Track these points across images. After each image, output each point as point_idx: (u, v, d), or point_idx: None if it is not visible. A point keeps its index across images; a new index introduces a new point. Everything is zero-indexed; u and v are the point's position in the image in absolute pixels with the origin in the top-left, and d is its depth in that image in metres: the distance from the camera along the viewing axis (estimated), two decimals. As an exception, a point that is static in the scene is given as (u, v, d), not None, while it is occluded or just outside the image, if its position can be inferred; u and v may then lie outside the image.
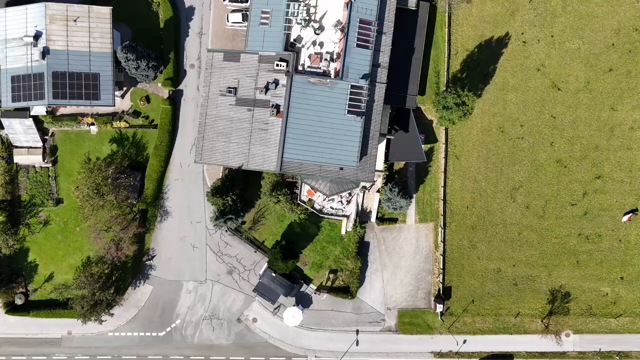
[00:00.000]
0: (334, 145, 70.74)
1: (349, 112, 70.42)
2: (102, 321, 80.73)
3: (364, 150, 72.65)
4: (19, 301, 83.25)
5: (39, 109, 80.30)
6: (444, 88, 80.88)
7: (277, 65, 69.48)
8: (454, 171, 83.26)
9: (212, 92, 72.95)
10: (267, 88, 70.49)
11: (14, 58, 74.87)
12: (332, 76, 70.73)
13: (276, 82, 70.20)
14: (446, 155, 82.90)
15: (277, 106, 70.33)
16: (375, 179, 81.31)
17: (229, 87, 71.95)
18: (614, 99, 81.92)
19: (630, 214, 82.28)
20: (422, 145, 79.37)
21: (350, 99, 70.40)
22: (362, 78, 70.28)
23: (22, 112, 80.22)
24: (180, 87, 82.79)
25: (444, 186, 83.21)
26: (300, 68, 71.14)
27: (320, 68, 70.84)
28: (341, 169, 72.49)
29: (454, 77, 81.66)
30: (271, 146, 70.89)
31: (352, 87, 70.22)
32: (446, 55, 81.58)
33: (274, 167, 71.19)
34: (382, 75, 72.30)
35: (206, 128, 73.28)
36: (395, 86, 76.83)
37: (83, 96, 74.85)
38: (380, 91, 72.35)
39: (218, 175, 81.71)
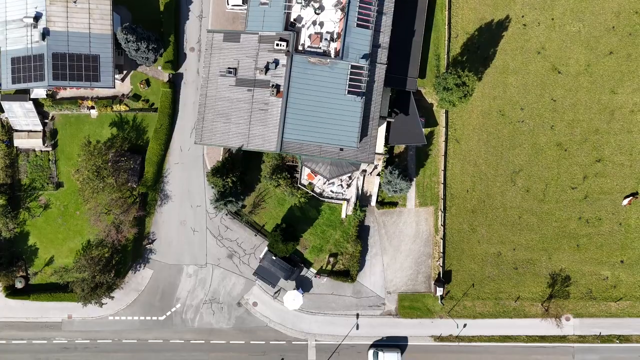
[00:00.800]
0: (334, 125, 70.01)
1: (349, 92, 69.66)
2: (103, 304, 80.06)
3: (364, 131, 71.94)
4: (19, 285, 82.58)
5: (39, 92, 79.61)
6: (445, 71, 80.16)
7: (277, 45, 68.75)
8: (454, 155, 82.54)
9: (212, 73, 72.23)
10: (267, 68, 69.75)
11: (14, 40, 74.14)
12: (332, 56, 69.94)
13: (276, 62, 69.49)
14: (446, 138, 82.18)
15: (277, 86, 69.62)
16: (375, 163, 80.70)
17: (229, 68, 71.23)
18: (614, 82, 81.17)
19: (631, 197, 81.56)
20: (423, 128, 78.69)
21: (351, 79, 69.65)
22: (362, 58, 69.53)
23: (22, 95, 79.52)
24: (180, 70, 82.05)
25: (444, 170, 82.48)
26: (300, 48, 70.36)
27: (320, 48, 70.08)
28: (341, 149, 71.76)
29: (454, 60, 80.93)
30: (271, 126, 70.18)
31: (353, 67, 69.47)
32: (446, 38, 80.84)
33: (274, 148, 70.46)
34: (383, 55, 71.56)
35: (206, 109, 72.56)
36: (396, 68, 76.05)
37: (83, 78, 74.14)
38: (380, 72, 71.63)
39: (218, 158, 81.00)
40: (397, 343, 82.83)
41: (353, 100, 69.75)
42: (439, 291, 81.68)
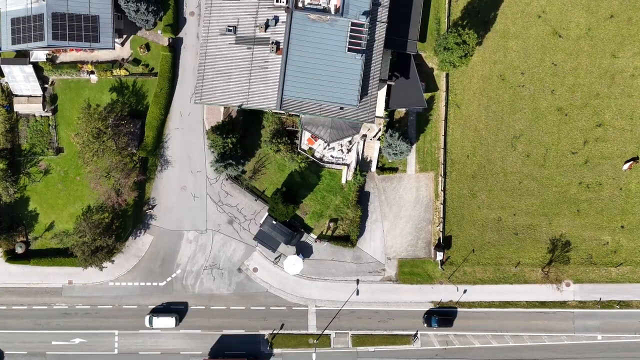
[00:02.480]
0: (334, 83, 68.50)
1: (349, 49, 68.11)
2: (103, 267, 78.71)
3: (364, 91, 70.42)
4: (19, 250, 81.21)
5: (39, 55, 78.19)
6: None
7: (277, 1, 67.27)
8: (454, 120, 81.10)
9: (212, 31, 70.67)
10: (266, 25, 68.23)
11: (14, 0, 72.75)
12: (333, 13, 68.36)
13: (276, 19, 67.95)
14: (447, 103, 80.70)
15: (277, 43, 68.12)
16: (376, 127, 79.43)
17: (229, 26, 69.67)
18: (614, 46, 79.64)
19: (631, 162, 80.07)
20: (423, 92, 77.28)
21: (351, 37, 68.04)
22: (362, 15, 67.92)
23: (22, 59, 78.07)
24: (180, 35, 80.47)
25: (445, 135, 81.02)
26: (300, 4, 68.50)
27: (320, 5, 68.44)
28: (341, 108, 70.25)
29: (455, 24, 79.20)
30: (271, 84, 68.72)
31: (353, 24, 67.87)
32: (447, 1, 79.20)
33: (274, 105, 69.01)
34: (383, 14, 69.99)
35: (206, 68, 71.07)
36: (396, 31, 74.39)
37: (82, 38, 72.69)
38: (380, 30, 70.10)
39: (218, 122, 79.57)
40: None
41: (353, 58, 68.23)
42: (439, 256, 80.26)
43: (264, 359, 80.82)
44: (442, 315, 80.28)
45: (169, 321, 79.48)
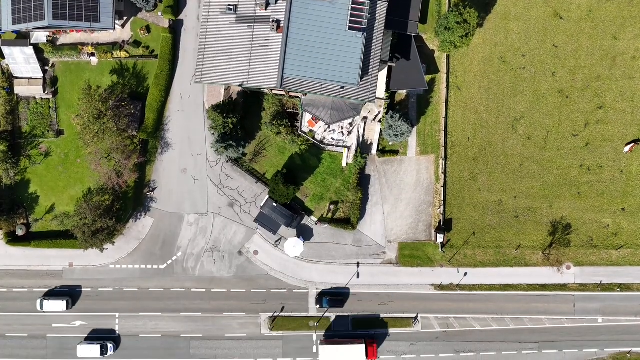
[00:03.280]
0: (335, 62, 67.68)
1: (350, 28, 67.27)
2: (104, 249, 78.06)
3: (365, 70, 69.61)
4: (20, 232, 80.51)
5: (39, 36, 77.47)
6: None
7: (278, -21, 66.76)
8: (455, 102, 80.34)
9: (212, 10, 69.91)
10: (267, 3, 67.39)
11: (14, -20, 72.26)
12: (333, -9, 67.77)
13: (277, -3, 67.46)
14: (447, 86, 79.94)
15: (278, 21, 67.34)
16: (376, 109, 78.76)
17: (229, 5, 68.85)
18: (616, 28, 78.82)
19: (632, 145, 79.26)
20: (424, 73, 76.55)
21: (352, 15, 67.11)
22: (363, -7, 67.36)
23: (23, 40, 77.47)
24: (181, 17, 79.67)
25: (445, 117, 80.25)
26: (301, -18, 68.07)
27: (321, -18, 67.89)
28: (342, 87, 69.52)
29: (456, 6, 78.47)
30: (272, 63, 67.95)
31: (354, 2, 66.76)
32: (448, -17, 78.79)
33: (275, 84, 68.28)
34: (384, -8, 69.42)
35: (206, 47, 70.31)
36: (396, 12, 73.69)
37: (83, 18, 71.97)
38: (381, 9, 69.25)
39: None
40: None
41: (354, 36, 67.41)
42: (440, 238, 79.51)
43: (377, 342, 79.00)
44: (333, 296, 79.07)
45: (59, 304, 78.03)
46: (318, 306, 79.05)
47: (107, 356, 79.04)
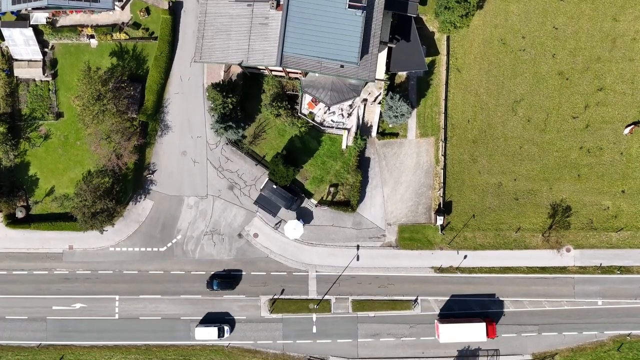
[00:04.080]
0: (335, 40, 66.79)
1: (350, 6, 66.30)
2: (104, 230, 77.36)
3: (364, 49, 68.74)
4: (20, 214, 79.79)
5: (39, 17, 76.66)
6: (446, -4, 77.06)
7: (278, -44, 65.95)
8: (455, 84, 79.54)
9: (212, -11, 69.35)
10: (267, -19, 66.94)
11: (13, -41, 71.48)
12: (333, -32, 66.93)
13: (276, -25, 66.66)
14: (447, 68, 79.11)
15: (277, -1, 66.80)
16: (376, 90, 77.96)
17: (229, -16, 68.37)
18: (616, 10, 77.95)
19: (632, 126, 78.46)
20: (424, 55, 75.75)
21: (352, -8, 66.63)
22: (363, -29, 66.52)
23: (22, 22, 76.69)
24: (181, -2, 79.28)
25: (445, 100, 79.44)
26: (300, -40, 67.25)
27: (320, -40, 67.04)
28: (342, 66, 68.74)
29: (456, -13, 77.80)
30: (271, 41, 67.13)
31: (354, -20, 66.46)
32: (448, -36, 77.78)
33: (274, 62, 67.44)
34: (384, -29, 68.60)
35: (206, 26, 69.46)
36: (397, -8, 73.14)
37: (82, -3, 71.37)
38: (381, -12, 68.68)
39: (218, 87, 78.08)
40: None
41: (354, 14, 66.49)
42: (439, 220, 78.73)
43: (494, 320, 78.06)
44: (223, 279, 78.54)
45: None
46: (209, 289, 78.33)
47: (223, 338, 78.10)
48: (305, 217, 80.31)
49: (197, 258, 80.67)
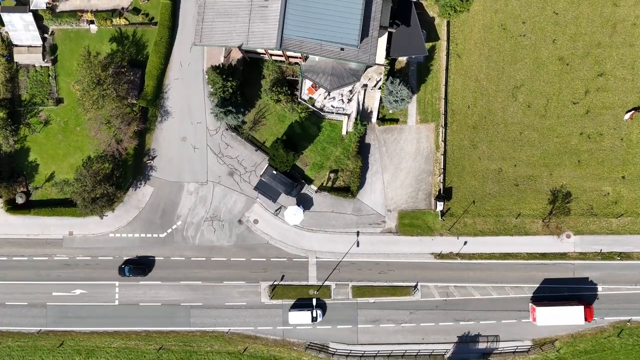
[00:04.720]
0: (335, 22, 66.23)
1: (350, -12, 66.16)
2: (104, 216, 76.85)
3: (365, 32, 68.19)
4: (20, 200, 79.23)
5: (38, 2, 76.02)
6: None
7: (277, -62, 65.34)
8: (455, 70, 78.96)
9: (212, -28, 68.79)
10: (266, -37, 66.38)
11: (12, -57, 70.94)
12: (333, -50, 66.37)
13: (276, -43, 66.06)
14: (448, 53, 78.52)
15: (277, -19, 66.19)
16: (376, 76, 77.40)
17: (229, -34, 67.82)
18: (616, -6, 77.67)
19: (632, 112, 77.92)
20: (424, 40, 75.20)
21: (352, -25, 66.07)
22: (363, -48, 65.95)
23: (22, 7, 76.14)
24: (181, -17, 78.69)
25: (445, 85, 78.86)
26: (300, -58, 66.69)
27: (321, -58, 66.45)
28: (342, 49, 68.20)
29: (456, -28, 77.26)
30: (271, 23, 66.54)
31: (354, -38, 65.91)
32: (448, -51, 77.21)
33: (274, 45, 66.89)
34: (384, -46, 68.04)
35: (205, 9, 68.92)
36: (397, -24, 72.60)
37: (81, -19, 70.77)
38: (381, -29, 68.10)
39: (218, 72, 77.47)
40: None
41: (354, -4, 66.21)
42: (439, 206, 78.17)
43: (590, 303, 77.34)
44: (136, 265, 78.05)
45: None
46: (120, 275, 77.92)
47: (316, 322, 77.80)
48: (305, 203, 79.79)
49: (197, 244, 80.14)
